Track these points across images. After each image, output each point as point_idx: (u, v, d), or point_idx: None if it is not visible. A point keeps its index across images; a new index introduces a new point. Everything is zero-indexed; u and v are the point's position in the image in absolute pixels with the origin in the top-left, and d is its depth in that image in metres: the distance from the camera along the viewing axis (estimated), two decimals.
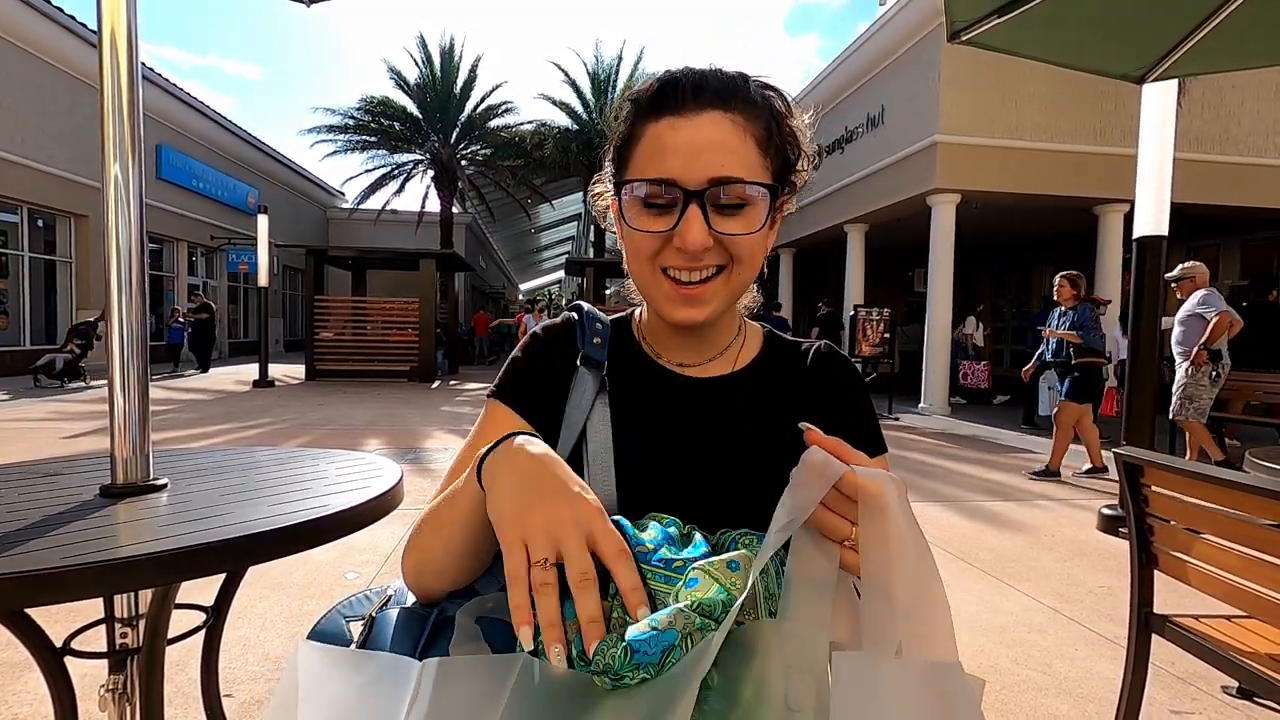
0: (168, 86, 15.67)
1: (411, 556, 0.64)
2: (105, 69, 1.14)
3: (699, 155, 0.62)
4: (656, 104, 0.65)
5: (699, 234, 0.62)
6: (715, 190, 0.62)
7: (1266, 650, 1.41)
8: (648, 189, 0.64)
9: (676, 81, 0.65)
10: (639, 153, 0.66)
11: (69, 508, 1.02)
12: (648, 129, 0.65)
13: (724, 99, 0.64)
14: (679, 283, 0.66)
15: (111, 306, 1.14)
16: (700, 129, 0.63)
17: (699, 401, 0.75)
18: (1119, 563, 3.27)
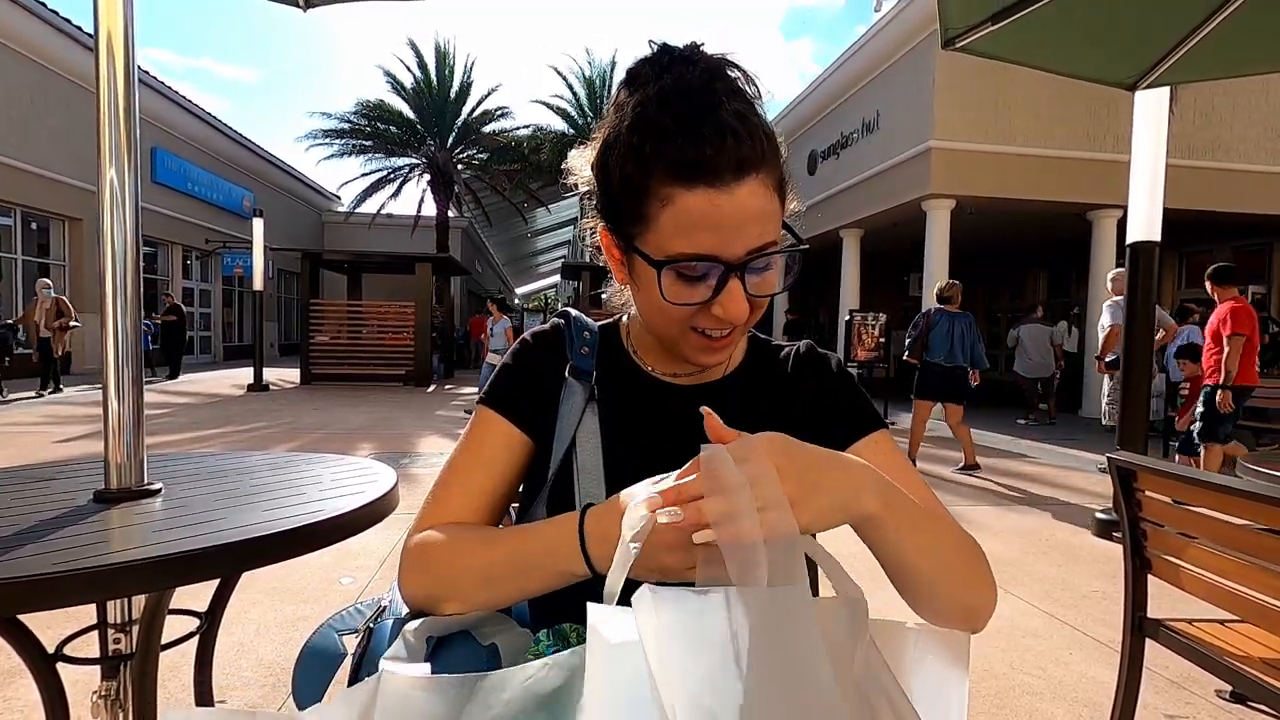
0: (162, 89, 15.65)
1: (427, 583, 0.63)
2: (101, 72, 1.14)
3: (740, 229, 0.59)
4: (690, 171, 0.58)
5: (743, 307, 0.62)
6: (754, 262, 0.61)
7: (1259, 655, 1.42)
8: (685, 267, 0.61)
9: (704, 142, 0.57)
10: (668, 218, 0.60)
11: (62, 513, 1.02)
12: (677, 194, 0.58)
13: (756, 161, 0.59)
14: (711, 339, 0.66)
15: (106, 309, 1.14)
16: (742, 202, 0.58)
17: (688, 410, 0.74)
18: (1113, 567, 3.28)
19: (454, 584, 0.62)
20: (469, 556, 0.63)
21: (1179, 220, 9.13)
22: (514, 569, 0.61)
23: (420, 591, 0.64)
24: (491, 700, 0.48)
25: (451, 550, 0.64)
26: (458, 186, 20.50)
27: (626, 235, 0.64)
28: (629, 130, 0.61)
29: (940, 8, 2.13)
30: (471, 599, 0.62)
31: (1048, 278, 15.52)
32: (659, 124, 0.59)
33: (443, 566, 0.64)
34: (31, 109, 12.25)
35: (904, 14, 9.58)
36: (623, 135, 0.62)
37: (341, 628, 0.71)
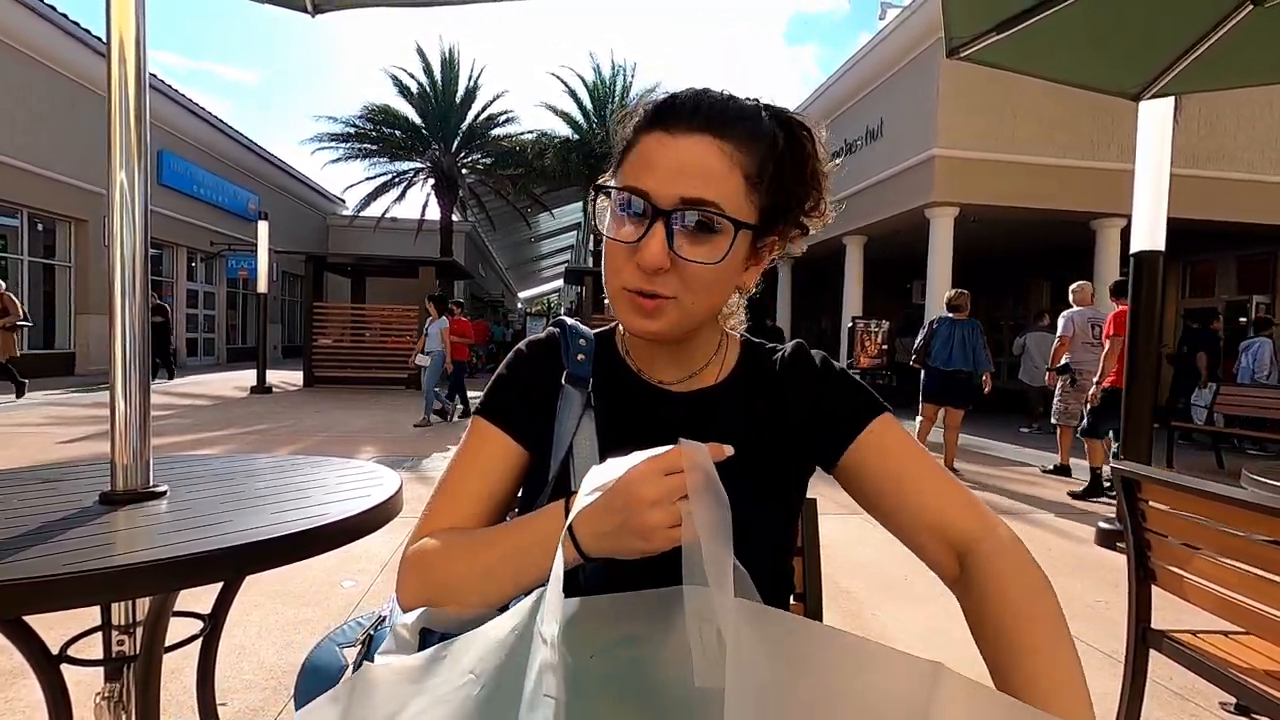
0: (170, 93, 15.74)
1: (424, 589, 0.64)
2: (113, 75, 1.14)
3: (678, 175, 0.61)
4: (656, 117, 0.64)
5: (657, 251, 0.62)
6: (682, 212, 0.62)
7: (1264, 667, 1.41)
8: (620, 196, 0.64)
9: (675, 99, 0.65)
10: (629, 161, 0.66)
11: (68, 514, 1.02)
12: (642, 139, 0.65)
13: (719, 125, 0.62)
14: (637, 295, 0.65)
15: (115, 311, 1.15)
16: (685, 149, 0.62)
17: (684, 416, 0.75)
18: (1117, 577, 3.27)
19: (450, 587, 0.63)
20: (463, 558, 0.64)
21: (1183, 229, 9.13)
22: (508, 565, 0.61)
23: (418, 599, 0.64)
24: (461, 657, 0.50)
25: (445, 555, 0.65)
26: (462, 191, 20.56)
27: (597, 188, 0.69)
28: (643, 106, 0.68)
29: (945, 17, 2.14)
30: (470, 600, 0.62)
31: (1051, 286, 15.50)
32: (656, 96, 0.67)
33: (438, 572, 0.64)
34: (38, 110, 12.31)
35: (908, 22, 9.61)
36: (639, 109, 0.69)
37: (342, 641, 0.71)
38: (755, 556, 0.73)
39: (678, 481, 0.52)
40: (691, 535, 0.50)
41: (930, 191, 9.29)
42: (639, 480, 0.52)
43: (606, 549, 0.55)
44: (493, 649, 0.50)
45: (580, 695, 0.49)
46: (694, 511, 0.50)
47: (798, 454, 0.75)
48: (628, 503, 0.52)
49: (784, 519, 0.76)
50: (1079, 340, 5.60)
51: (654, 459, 0.53)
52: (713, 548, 0.48)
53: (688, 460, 0.52)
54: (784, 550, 0.78)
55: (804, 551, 1.09)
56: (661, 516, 0.52)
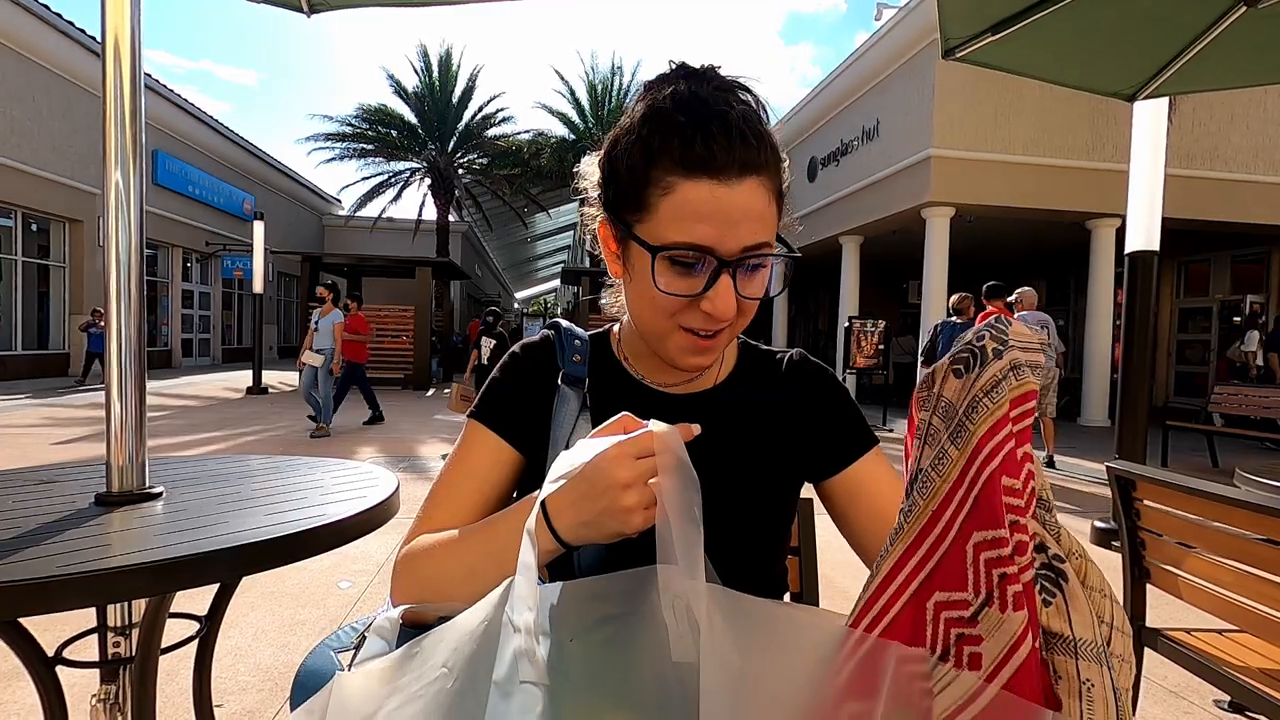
0: (165, 92, 15.70)
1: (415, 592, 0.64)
2: (108, 76, 1.14)
3: (738, 225, 0.60)
4: (695, 162, 0.60)
5: (731, 303, 0.62)
6: (747, 260, 0.62)
7: (1258, 665, 1.42)
8: (680, 254, 0.62)
9: (712, 136, 0.59)
10: (667, 206, 0.61)
11: (63, 515, 1.02)
12: (679, 184, 0.60)
13: (758, 161, 0.61)
14: (696, 335, 0.66)
15: (110, 312, 1.15)
16: (741, 199, 0.60)
17: (682, 419, 0.74)
18: (1111, 576, 3.27)
19: (439, 587, 0.63)
20: (449, 556, 0.64)
21: (1177, 229, 9.19)
22: (491, 559, 0.61)
23: (410, 601, 0.64)
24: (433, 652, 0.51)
25: (432, 555, 0.65)
26: (458, 191, 20.53)
27: (626, 223, 0.65)
28: (640, 122, 0.63)
29: (941, 18, 2.15)
30: (459, 598, 0.61)
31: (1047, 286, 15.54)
32: (670, 118, 0.61)
33: (426, 571, 0.64)
34: (33, 111, 12.26)
35: (904, 23, 9.62)
36: (634, 127, 0.64)
37: (337, 646, 0.71)
38: (750, 557, 0.73)
39: (650, 464, 0.53)
40: (664, 515, 0.52)
41: (926, 192, 9.31)
42: (613, 464, 0.53)
43: (588, 536, 0.56)
44: (464, 640, 0.51)
45: (562, 678, 0.49)
46: (665, 492, 0.52)
47: (794, 458, 0.75)
48: (605, 488, 0.53)
49: (779, 520, 0.77)
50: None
51: (625, 442, 0.54)
52: (683, 527, 0.50)
53: (659, 443, 0.53)
54: (779, 550, 0.78)
55: (800, 551, 1.09)
56: (637, 498, 0.53)
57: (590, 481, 0.54)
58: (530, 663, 0.47)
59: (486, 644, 0.50)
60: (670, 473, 0.52)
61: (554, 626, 0.52)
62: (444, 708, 0.48)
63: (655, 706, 0.50)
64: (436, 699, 0.49)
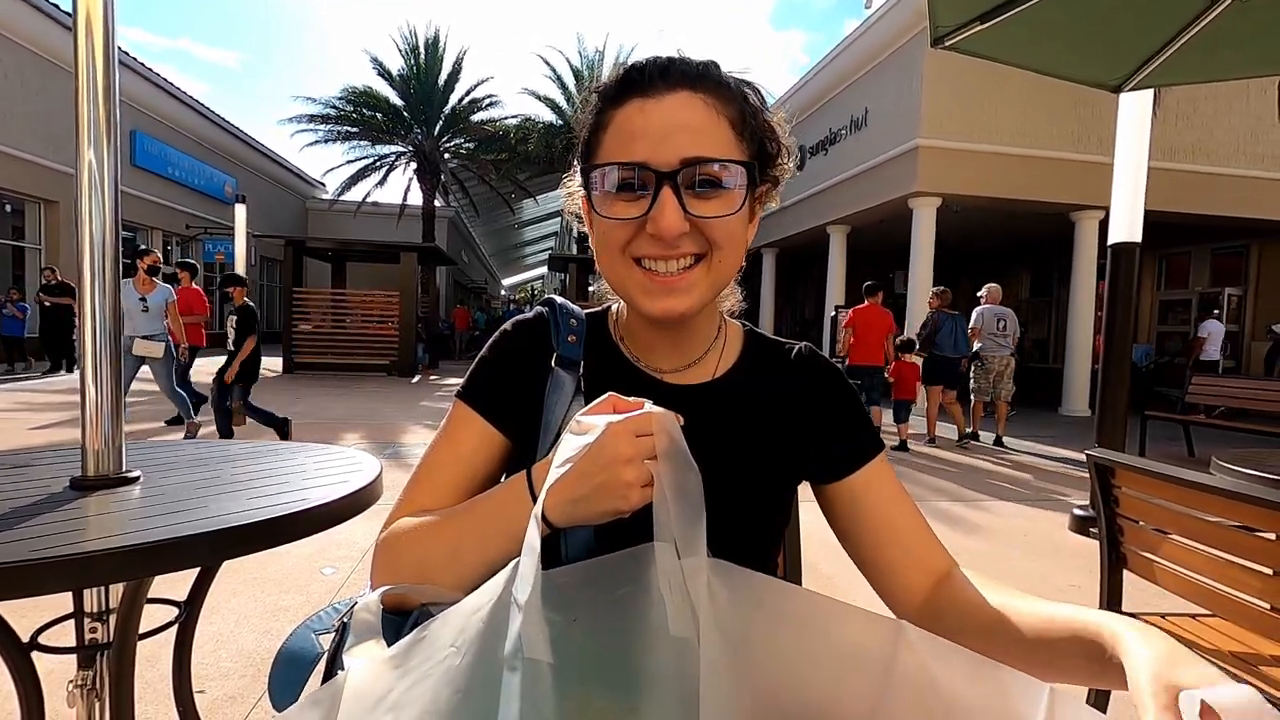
0: (143, 71, 15.36)
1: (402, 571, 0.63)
2: (80, 52, 1.11)
3: (670, 136, 0.59)
4: (622, 89, 0.62)
5: (673, 217, 0.59)
6: (689, 171, 0.59)
7: (1230, 648, 1.45)
8: (618, 173, 0.61)
9: (642, 65, 0.62)
10: (607, 139, 0.63)
11: (38, 500, 1.00)
12: (615, 115, 0.62)
13: (692, 79, 0.61)
14: (655, 274, 0.63)
15: (84, 295, 1.12)
16: (670, 109, 0.60)
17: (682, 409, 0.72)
18: (1089, 562, 3.34)
19: (420, 568, 0.62)
20: (431, 538, 0.63)
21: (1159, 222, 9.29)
22: (474, 539, 0.60)
23: (390, 584, 0.63)
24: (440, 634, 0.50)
25: (413, 538, 0.64)
26: (444, 176, 20.32)
27: (584, 174, 0.65)
28: (594, 95, 0.66)
29: (930, 6, 2.14)
30: (442, 581, 0.61)
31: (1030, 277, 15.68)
32: (618, 74, 0.64)
33: (407, 553, 0.63)
34: (6, 88, 11.96)
35: (893, 12, 9.61)
36: (589, 104, 0.67)
37: (318, 628, 0.70)
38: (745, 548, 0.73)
39: (649, 443, 0.53)
40: (661, 495, 0.52)
41: (914, 182, 9.34)
42: (614, 438, 0.52)
43: (577, 514, 0.54)
44: (470, 620, 0.51)
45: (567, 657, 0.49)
46: (663, 473, 0.52)
47: (794, 453, 0.73)
48: (607, 462, 0.52)
49: (775, 513, 0.75)
50: (985, 331, 6.85)
51: (626, 420, 0.53)
52: (680, 506, 0.50)
53: (656, 424, 0.53)
54: (773, 544, 0.77)
55: (784, 539, 1.09)
56: (636, 474, 0.52)
57: (590, 458, 0.53)
58: (535, 640, 0.47)
59: (494, 623, 0.50)
60: (667, 455, 0.52)
61: (558, 609, 0.52)
62: (454, 683, 0.49)
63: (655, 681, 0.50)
64: (446, 675, 0.49)
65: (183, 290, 6.13)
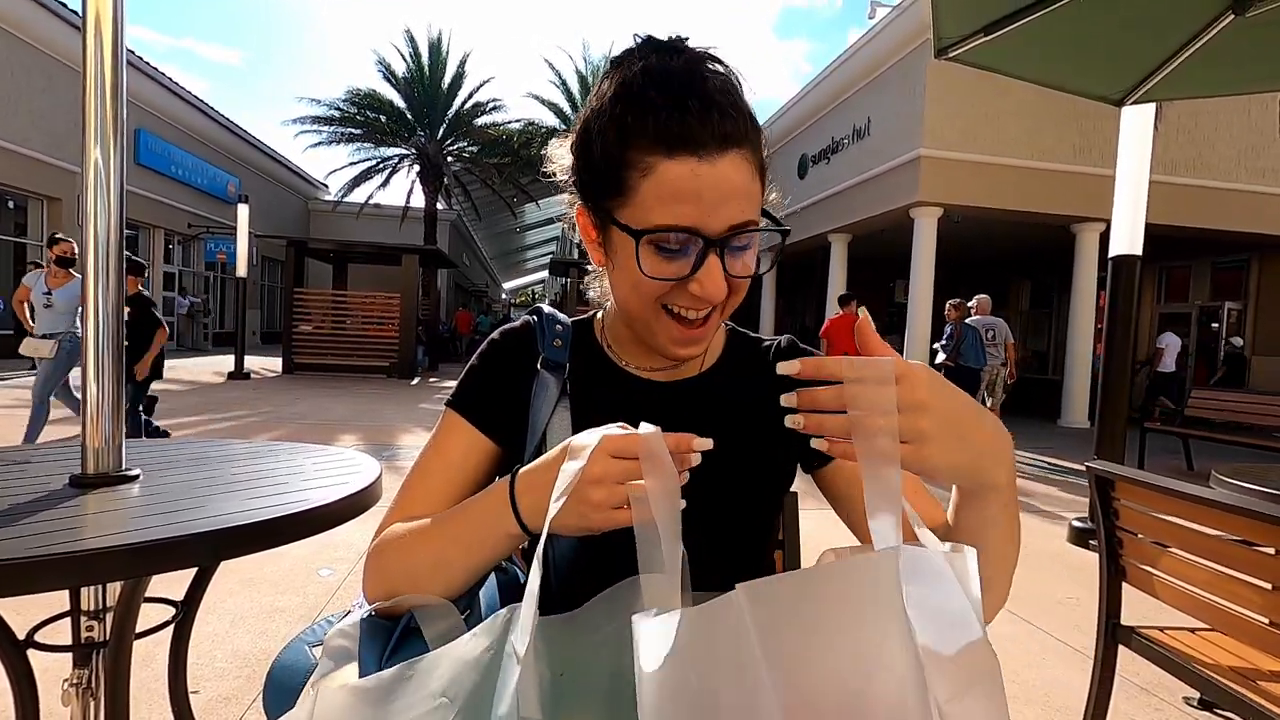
0: (149, 70, 15.41)
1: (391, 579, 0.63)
2: (89, 51, 1.11)
3: (723, 204, 0.58)
4: (673, 139, 0.57)
5: (720, 284, 0.60)
6: (733, 236, 0.60)
7: (1228, 663, 1.45)
8: (663, 238, 0.59)
9: (689, 109, 0.56)
10: (648, 188, 0.58)
11: (37, 496, 1.00)
12: (659, 163, 0.57)
13: (739, 134, 0.58)
14: (685, 322, 0.63)
15: (87, 292, 1.12)
16: (724, 175, 0.57)
17: (665, 407, 0.73)
18: (1088, 574, 3.33)
19: (409, 577, 0.62)
20: (419, 546, 0.63)
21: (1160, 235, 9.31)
22: (459, 546, 0.61)
23: (380, 592, 0.63)
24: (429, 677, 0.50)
25: (401, 546, 0.64)
26: (447, 179, 20.37)
27: (605, 210, 0.63)
28: (612, 102, 0.60)
29: (933, 18, 2.15)
30: (429, 588, 0.61)
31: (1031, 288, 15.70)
32: (643, 95, 0.58)
33: (396, 563, 0.64)
34: (11, 85, 11.99)
35: (896, 23, 9.65)
36: (605, 109, 0.60)
37: (312, 640, 0.70)
38: (735, 548, 0.73)
39: (625, 466, 0.51)
40: (645, 518, 0.51)
41: (915, 191, 9.36)
42: (590, 457, 0.52)
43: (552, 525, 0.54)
44: (466, 670, 0.50)
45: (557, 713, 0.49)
46: (651, 497, 0.50)
47: (782, 449, 0.74)
48: (576, 480, 0.52)
49: (765, 512, 0.76)
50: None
51: (609, 438, 0.53)
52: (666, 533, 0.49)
53: (643, 445, 0.51)
54: (764, 543, 0.78)
55: (784, 545, 1.09)
56: (602, 496, 0.52)
57: (562, 468, 0.53)
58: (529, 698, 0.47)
59: (489, 675, 0.49)
60: (655, 476, 0.51)
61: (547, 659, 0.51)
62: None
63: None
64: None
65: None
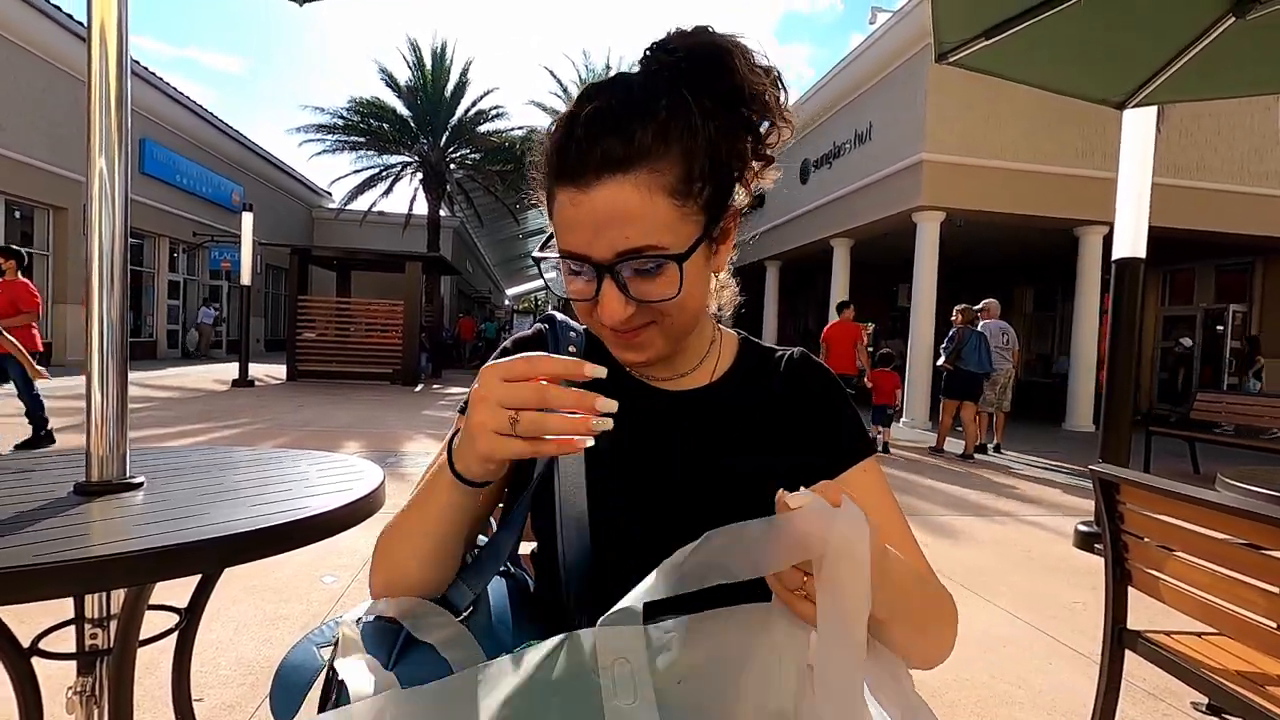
0: (153, 80, 15.52)
1: (380, 573, 0.64)
2: (94, 61, 1.12)
3: (602, 231, 0.58)
4: (559, 170, 0.60)
5: (616, 309, 0.61)
6: (622, 266, 0.59)
7: (1236, 667, 1.44)
8: (562, 263, 0.62)
9: (567, 146, 0.58)
10: (555, 216, 0.62)
11: (41, 504, 1.00)
12: (556, 192, 0.61)
13: (623, 162, 0.57)
14: (618, 331, 0.64)
15: (92, 301, 1.13)
16: (600, 202, 0.57)
17: (675, 415, 0.73)
18: (1093, 579, 3.31)
19: (387, 556, 0.63)
20: (398, 530, 0.63)
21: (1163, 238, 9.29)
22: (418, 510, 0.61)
23: (377, 582, 0.64)
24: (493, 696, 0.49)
25: (387, 534, 0.64)
26: (450, 186, 20.44)
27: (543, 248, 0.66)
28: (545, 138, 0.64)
29: (934, 22, 2.16)
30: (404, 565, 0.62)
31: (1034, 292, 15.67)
32: (557, 121, 0.61)
33: (383, 553, 0.64)
34: (16, 95, 12.08)
35: (897, 27, 9.67)
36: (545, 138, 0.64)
37: (320, 641, 0.70)
38: None
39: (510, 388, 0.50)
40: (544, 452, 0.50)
41: (918, 196, 9.36)
42: (485, 374, 0.51)
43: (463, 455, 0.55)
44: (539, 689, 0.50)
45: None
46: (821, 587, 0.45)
47: (787, 462, 0.73)
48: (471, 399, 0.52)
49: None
50: (994, 345, 7.08)
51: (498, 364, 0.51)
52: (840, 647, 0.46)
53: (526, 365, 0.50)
54: None
55: None
56: (482, 415, 0.50)
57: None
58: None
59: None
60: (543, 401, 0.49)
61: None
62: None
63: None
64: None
65: (5, 284, 4.96)
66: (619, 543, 0.67)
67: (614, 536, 0.67)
